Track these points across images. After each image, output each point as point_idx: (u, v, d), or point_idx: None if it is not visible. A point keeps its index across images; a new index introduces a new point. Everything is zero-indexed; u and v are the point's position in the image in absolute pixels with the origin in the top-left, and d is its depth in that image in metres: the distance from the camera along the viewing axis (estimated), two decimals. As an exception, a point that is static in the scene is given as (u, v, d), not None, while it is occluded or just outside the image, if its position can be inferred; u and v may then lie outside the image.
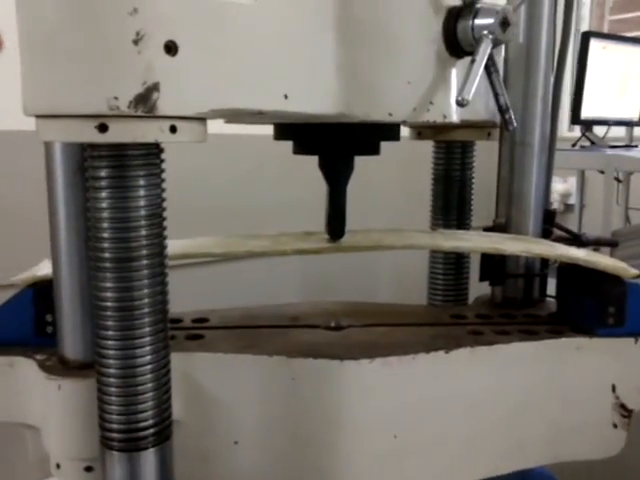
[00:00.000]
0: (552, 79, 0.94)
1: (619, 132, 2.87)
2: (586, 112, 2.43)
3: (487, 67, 0.69)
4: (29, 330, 0.76)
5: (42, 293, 0.75)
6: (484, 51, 0.67)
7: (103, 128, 0.53)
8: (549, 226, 0.99)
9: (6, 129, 1.57)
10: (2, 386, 0.75)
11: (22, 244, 1.45)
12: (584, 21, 3.52)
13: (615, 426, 0.84)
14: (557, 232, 1.03)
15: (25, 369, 0.73)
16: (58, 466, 0.72)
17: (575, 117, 2.43)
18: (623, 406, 0.83)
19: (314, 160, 0.83)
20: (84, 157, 0.61)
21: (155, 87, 0.53)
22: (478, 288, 1.06)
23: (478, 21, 0.68)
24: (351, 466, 0.75)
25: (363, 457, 0.75)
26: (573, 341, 0.82)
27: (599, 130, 2.66)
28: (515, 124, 0.73)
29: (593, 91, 2.43)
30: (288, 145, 0.82)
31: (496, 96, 0.70)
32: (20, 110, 0.58)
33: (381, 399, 0.75)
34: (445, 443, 0.79)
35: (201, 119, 0.59)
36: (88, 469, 0.70)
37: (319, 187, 0.85)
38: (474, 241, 0.89)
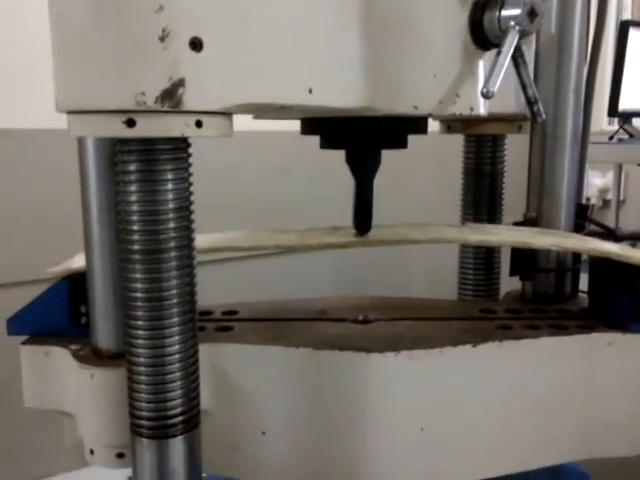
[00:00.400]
0: (585, 70, 0.92)
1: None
2: (624, 104, 2.36)
3: (514, 58, 0.69)
4: (64, 321, 0.79)
5: (76, 285, 0.78)
6: (511, 42, 0.66)
7: (131, 123, 0.55)
8: (582, 220, 0.97)
9: (44, 127, 1.62)
10: (39, 374, 0.78)
11: (58, 240, 1.49)
12: (626, 10, 3.43)
13: (649, 423, 0.82)
14: (591, 227, 1.01)
15: (60, 358, 0.76)
16: (92, 452, 0.74)
17: (612, 109, 2.36)
18: (657, 403, 0.82)
19: (343, 155, 0.83)
20: (115, 152, 0.63)
21: (181, 83, 0.55)
22: (509, 283, 1.05)
23: (505, 12, 0.67)
24: (378, 458, 0.75)
25: (390, 449, 0.75)
26: (605, 336, 0.80)
27: (638, 123, 2.58)
28: (544, 116, 0.72)
29: (632, 82, 2.36)
30: (317, 141, 0.82)
31: (524, 88, 0.70)
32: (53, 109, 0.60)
33: (407, 392, 0.75)
34: (473, 437, 0.78)
35: (226, 114, 0.61)
36: (120, 455, 0.72)
37: (348, 182, 0.86)
38: (502, 235, 0.88)
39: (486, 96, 0.64)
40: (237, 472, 0.79)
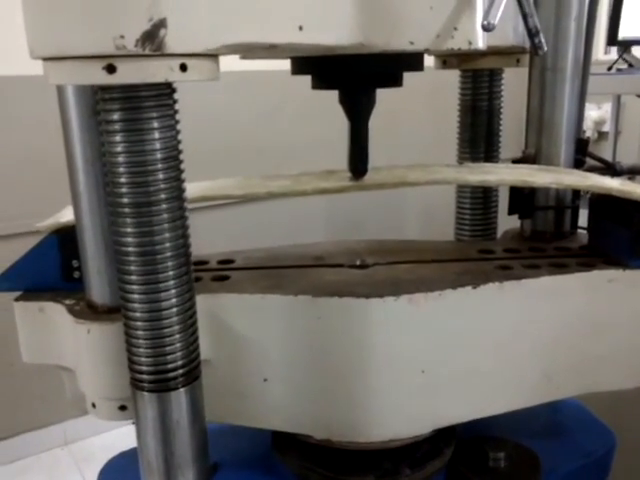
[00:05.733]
0: (587, -4, 0.88)
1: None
2: (624, 32, 2.28)
3: (515, -14, 0.65)
4: (57, 276, 0.77)
5: (67, 239, 0.76)
6: (511, -32, 0.62)
7: (111, 69, 0.52)
8: (581, 156, 0.95)
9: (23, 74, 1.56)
10: (34, 330, 0.77)
11: (47, 191, 1.46)
12: None
13: (647, 356, 0.83)
14: (590, 162, 0.99)
15: (55, 314, 0.75)
16: (94, 405, 0.74)
17: (612, 37, 2.28)
18: (656, 337, 0.82)
19: (336, 96, 0.80)
20: (97, 101, 0.59)
21: (162, 23, 0.51)
22: (506, 222, 1.04)
23: None
24: (379, 401, 0.76)
25: (391, 393, 0.76)
26: (605, 273, 0.80)
27: (638, 52, 2.50)
28: (545, 48, 0.69)
29: (632, 8, 2.27)
30: (308, 81, 0.79)
31: (525, 18, 0.66)
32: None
33: (407, 336, 0.74)
34: (474, 378, 0.79)
35: (212, 56, 0.57)
36: (122, 408, 0.72)
37: (342, 124, 0.83)
38: (502, 174, 0.86)
39: (487, 29, 0.60)
40: (241, 419, 0.80)
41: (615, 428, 0.99)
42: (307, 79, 0.79)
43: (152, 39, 0.51)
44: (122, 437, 2.10)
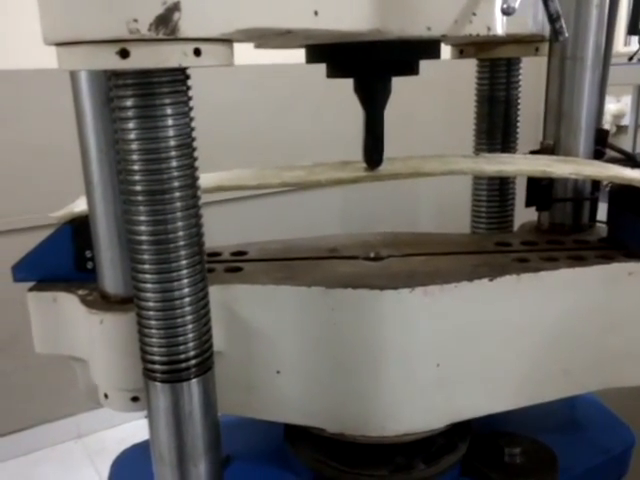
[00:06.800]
0: (609, -17, 0.86)
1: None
2: (646, 21, 2.23)
3: (536, -30, 0.63)
4: (70, 266, 0.77)
5: (80, 229, 0.75)
6: (532, -48, 0.60)
7: (124, 54, 0.51)
8: (601, 147, 0.93)
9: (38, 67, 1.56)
10: (47, 320, 0.77)
11: (60, 184, 1.46)
12: None
13: (667, 352, 0.81)
14: (610, 154, 0.97)
15: (68, 304, 0.75)
16: (106, 396, 0.74)
17: (633, 26, 2.23)
18: (677, 332, 0.80)
19: (350, 87, 0.79)
20: (110, 87, 0.59)
21: (176, 7, 0.50)
22: (523, 215, 1.02)
23: None
24: (393, 395, 0.75)
25: (406, 386, 0.75)
26: (625, 266, 0.78)
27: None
28: (566, 34, 0.67)
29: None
30: (323, 72, 0.78)
31: (545, 2, 0.64)
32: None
33: (423, 328, 0.73)
34: (490, 371, 0.77)
35: (227, 41, 0.56)
36: (134, 399, 0.72)
37: (357, 116, 0.81)
38: (519, 164, 0.84)
39: (507, 12, 0.59)
40: (253, 411, 0.79)
41: (634, 425, 0.97)
42: (322, 72, 0.78)
43: (166, 23, 0.50)
44: (134, 430, 2.11)
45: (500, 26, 0.68)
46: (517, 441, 0.85)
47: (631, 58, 2.27)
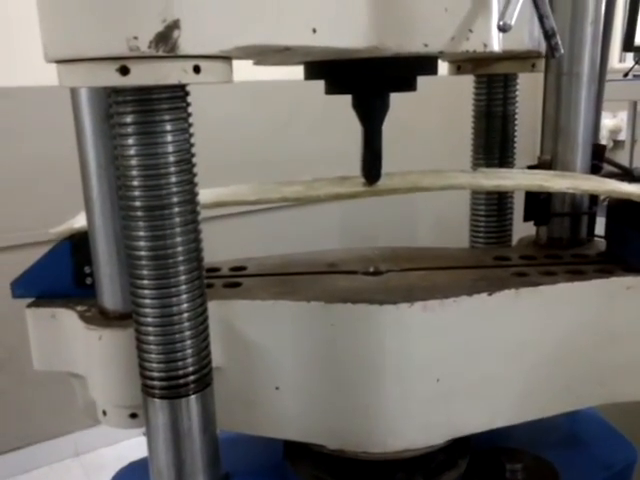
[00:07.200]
0: (604, 0, 0.87)
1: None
2: (641, 38, 2.24)
3: (531, -12, 0.64)
4: (69, 282, 0.77)
5: (79, 245, 0.75)
6: (527, -30, 0.61)
7: (124, 71, 0.51)
8: (598, 162, 0.93)
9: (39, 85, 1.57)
10: (46, 337, 0.77)
11: (60, 201, 1.46)
12: None
13: (668, 366, 0.80)
14: (607, 168, 0.97)
15: (67, 320, 0.74)
16: (105, 413, 0.74)
17: (628, 43, 2.24)
18: (677, 346, 0.80)
19: (349, 104, 0.79)
20: (110, 104, 0.59)
21: (175, 24, 0.51)
22: (522, 229, 1.02)
23: (520, -63, 0.62)
24: (393, 410, 0.75)
25: (405, 401, 0.74)
26: (624, 280, 0.78)
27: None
28: (562, 51, 0.68)
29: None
30: (321, 89, 0.78)
31: (541, 19, 0.65)
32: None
33: (422, 343, 0.73)
34: (490, 386, 0.77)
35: (226, 58, 0.57)
36: (133, 416, 0.71)
37: (355, 133, 0.82)
38: (517, 179, 0.85)
39: (503, 29, 0.59)
40: (252, 428, 0.79)
41: (636, 441, 0.96)
42: (320, 88, 0.79)
43: (165, 40, 0.51)
44: (133, 448, 2.09)
45: (496, 43, 0.68)
46: (518, 457, 0.84)
47: (626, 74, 2.28)
